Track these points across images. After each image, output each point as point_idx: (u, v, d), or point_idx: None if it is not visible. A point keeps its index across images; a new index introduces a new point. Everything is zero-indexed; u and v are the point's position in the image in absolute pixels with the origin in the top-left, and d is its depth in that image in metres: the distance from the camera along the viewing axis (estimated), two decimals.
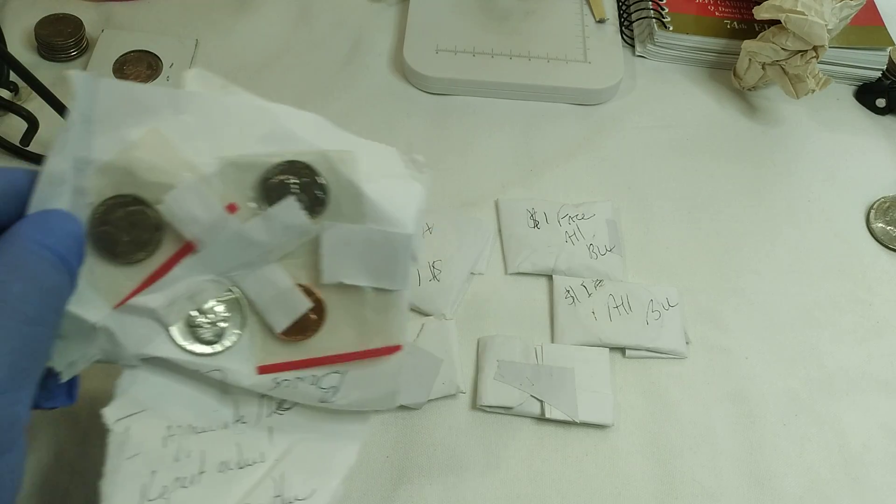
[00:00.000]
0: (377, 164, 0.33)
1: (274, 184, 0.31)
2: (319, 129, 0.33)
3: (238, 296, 0.33)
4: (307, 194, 0.32)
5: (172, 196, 0.30)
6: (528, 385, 0.45)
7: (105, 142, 0.30)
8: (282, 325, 0.33)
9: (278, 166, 0.31)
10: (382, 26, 0.63)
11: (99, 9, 0.61)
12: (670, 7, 0.63)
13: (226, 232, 0.31)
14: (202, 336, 0.32)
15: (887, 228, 0.55)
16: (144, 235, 0.31)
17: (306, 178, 0.32)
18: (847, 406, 0.47)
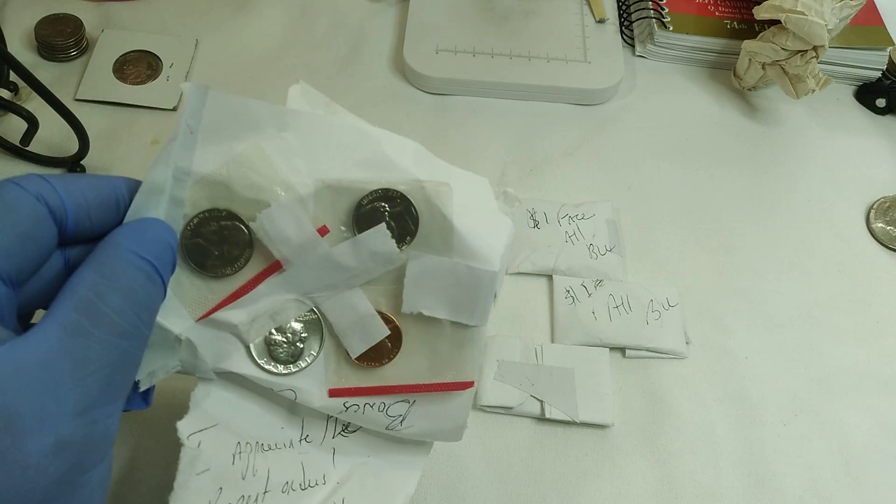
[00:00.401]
0: (470, 196, 0.33)
1: (367, 210, 0.32)
2: (417, 157, 0.33)
3: (318, 317, 0.33)
4: (398, 223, 0.32)
5: (266, 214, 0.30)
6: (528, 385, 0.45)
7: (206, 154, 0.31)
8: (358, 350, 0.33)
9: (373, 193, 0.32)
10: (382, 26, 0.63)
11: (99, 9, 0.61)
12: (670, 7, 0.63)
13: (314, 254, 0.31)
14: (278, 355, 0.32)
15: (887, 228, 0.55)
16: (234, 251, 0.31)
17: (399, 207, 0.32)
18: (847, 406, 0.47)
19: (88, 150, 0.51)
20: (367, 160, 0.32)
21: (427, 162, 0.33)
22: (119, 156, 0.53)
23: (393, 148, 0.32)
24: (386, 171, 0.32)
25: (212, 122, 0.31)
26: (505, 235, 0.33)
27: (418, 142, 0.59)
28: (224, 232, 0.31)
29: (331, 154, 0.32)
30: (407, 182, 0.32)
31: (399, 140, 0.33)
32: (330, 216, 0.31)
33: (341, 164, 0.32)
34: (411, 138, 0.60)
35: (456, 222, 0.32)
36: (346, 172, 0.32)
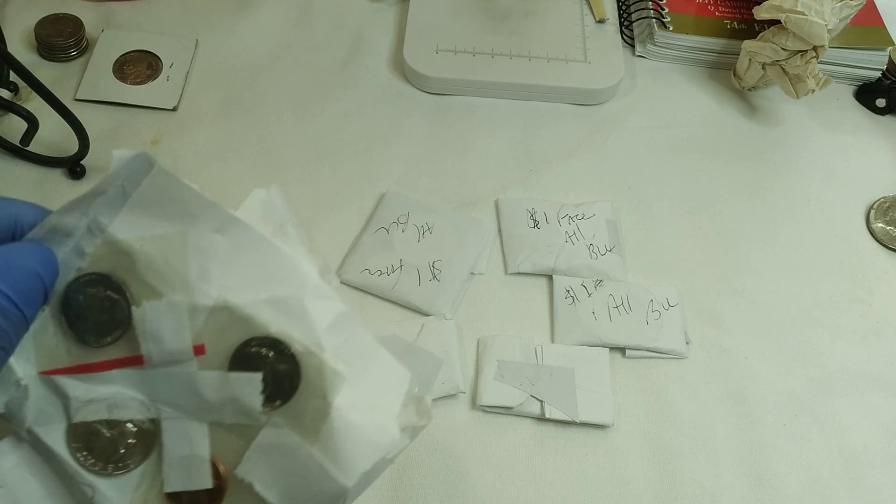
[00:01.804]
0: (373, 393, 0.29)
1: (252, 352, 0.29)
2: (338, 323, 0.29)
3: (154, 431, 0.30)
4: (276, 380, 0.28)
5: (151, 306, 0.28)
6: (528, 385, 0.45)
7: (129, 220, 0.29)
8: (172, 486, 0.30)
9: (267, 338, 0.29)
10: (382, 26, 0.63)
11: (99, 9, 0.61)
12: (670, 7, 0.63)
13: (179, 368, 0.29)
14: (96, 447, 0.30)
15: (887, 228, 0.55)
16: (108, 326, 0.29)
17: (284, 365, 0.29)
18: (847, 406, 0.47)
19: (88, 150, 0.51)
20: (282, 302, 0.29)
21: (348, 332, 0.29)
22: None
23: (317, 303, 0.29)
24: (294, 322, 0.29)
25: (149, 195, 0.29)
26: (385, 450, 0.29)
27: (418, 142, 0.59)
28: (106, 302, 0.29)
29: (249, 277, 0.29)
30: (307, 345, 0.28)
31: (329, 299, 0.29)
32: (215, 339, 0.29)
33: (253, 293, 0.29)
34: (411, 138, 0.60)
35: (335, 414, 0.28)
36: (253, 303, 0.29)
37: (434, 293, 0.48)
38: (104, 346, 0.29)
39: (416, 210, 0.52)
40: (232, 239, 0.29)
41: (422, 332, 0.46)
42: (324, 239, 0.51)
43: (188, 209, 0.29)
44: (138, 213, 0.29)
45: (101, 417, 0.30)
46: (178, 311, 0.28)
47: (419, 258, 0.49)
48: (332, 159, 0.55)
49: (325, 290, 0.29)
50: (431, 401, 0.32)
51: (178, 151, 0.54)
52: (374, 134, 0.57)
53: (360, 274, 0.49)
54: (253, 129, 0.56)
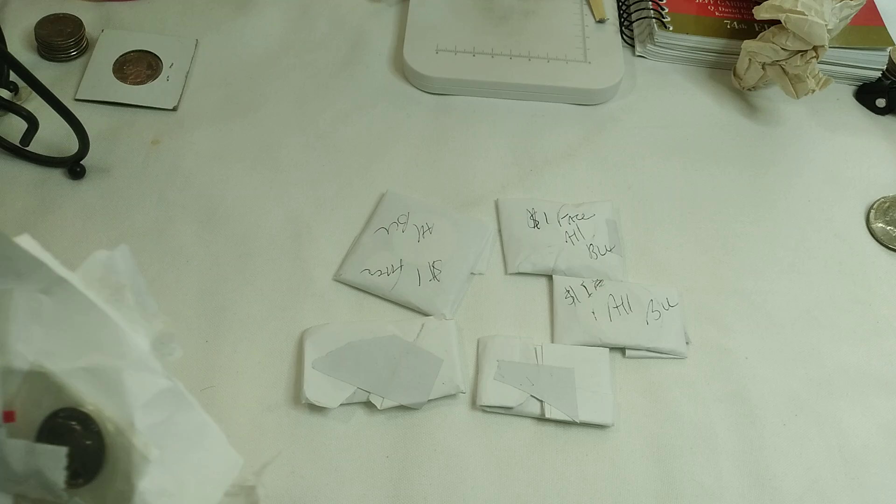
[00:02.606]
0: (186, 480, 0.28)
1: (61, 423, 0.27)
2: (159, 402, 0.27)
3: None
4: (83, 456, 0.27)
5: None
6: (528, 385, 0.45)
7: None
8: None
9: (77, 411, 0.27)
10: (382, 26, 0.63)
11: (99, 9, 0.61)
12: (670, 7, 0.63)
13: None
14: None
15: (887, 228, 0.55)
16: None
17: (92, 441, 0.27)
18: (847, 406, 0.47)
19: (88, 150, 0.51)
20: (99, 371, 0.27)
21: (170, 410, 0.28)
22: (119, 156, 0.53)
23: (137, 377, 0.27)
24: (108, 396, 0.27)
25: None
26: None
27: (418, 142, 0.59)
28: None
29: (71, 343, 0.27)
30: (117, 422, 0.27)
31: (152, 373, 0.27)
32: (27, 405, 0.27)
33: (72, 360, 0.27)
34: (411, 138, 0.60)
35: (138, 499, 0.26)
36: (70, 371, 0.27)
37: (434, 293, 0.48)
38: None
39: (416, 210, 0.52)
40: (59, 300, 0.27)
41: (422, 332, 0.46)
42: (324, 239, 0.51)
43: (15, 266, 0.27)
44: None
45: None
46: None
47: (419, 258, 0.49)
48: (332, 159, 0.55)
49: (150, 362, 0.27)
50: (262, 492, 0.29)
51: (177, 151, 0.54)
52: (374, 134, 0.57)
53: (360, 274, 0.49)
54: (253, 129, 0.56)
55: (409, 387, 0.44)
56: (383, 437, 0.44)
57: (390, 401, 0.44)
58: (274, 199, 0.53)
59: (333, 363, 0.45)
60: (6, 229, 0.49)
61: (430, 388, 0.44)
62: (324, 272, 0.50)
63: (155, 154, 0.54)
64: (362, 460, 0.43)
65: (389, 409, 0.44)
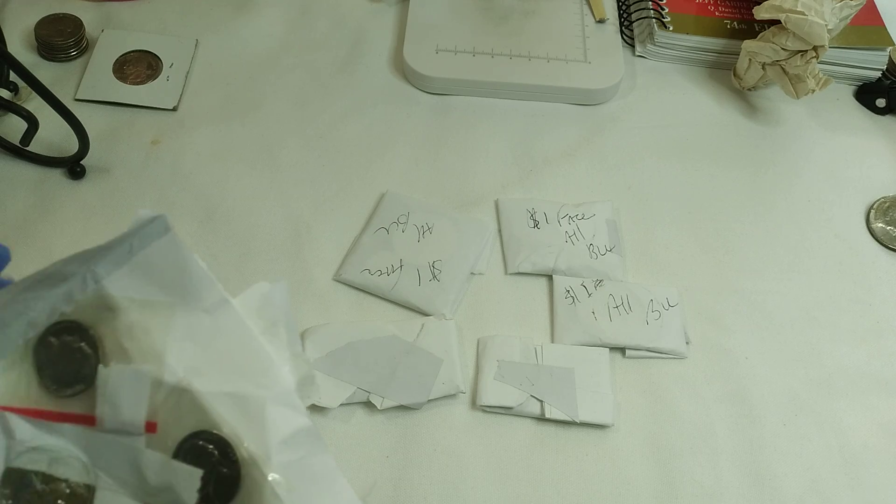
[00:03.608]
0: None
1: (199, 446, 0.28)
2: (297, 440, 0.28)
3: (87, 498, 0.28)
4: (219, 484, 0.27)
5: (117, 370, 0.27)
6: (528, 385, 0.45)
7: (126, 279, 0.28)
8: None
9: (216, 436, 0.27)
10: (382, 26, 0.63)
11: (99, 9, 0.61)
12: (670, 7, 0.63)
13: (128, 441, 0.28)
14: (22, 499, 0.28)
15: (887, 228, 0.55)
16: (72, 377, 0.28)
17: (229, 471, 0.27)
18: (847, 406, 0.47)
19: (88, 150, 0.51)
20: (243, 399, 0.28)
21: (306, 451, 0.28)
22: (119, 156, 0.53)
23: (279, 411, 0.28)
24: (249, 425, 0.27)
25: (153, 258, 0.28)
26: None
27: (418, 142, 0.59)
28: (77, 354, 0.28)
29: (221, 365, 0.28)
30: (254, 453, 0.27)
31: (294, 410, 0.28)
32: (169, 420, 0.28)
33: (219, 383, 0.28)
34: (411, 138, 0.60)
35: None
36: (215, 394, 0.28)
37: (434, 293, 0.48)
38: (65, 397, 0.28)
39: (416, 210, 0.52)
40: (218, 322, 0.28)
41: (422, 332, 0.46)
42: (324, 239, 0.51)
43: (187, 281, 0.28)
44: (137, 274, 0.28)
45: (39, 469, 0.28)
46: (142, 382, 0.27)
47: (419, 258, 0.49)
48: (332, 159, 0.55)
49: (293, 399, 0.28)
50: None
51: (177, 151, 0.54)
52: (374, 134, 0.57)
53: (360, 274, 0.49)
54: (253, 129, 0.56)
55: (409, 387, 0.44)
56: (383, 437, 0.44)
57: (390, 401, 0.44)
58: (274, 199, 0.53)
59: (333, 363, 0.45)
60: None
61: (430, 388, 0.44)
62: (324, 272, 0.50)
63: (155, 154, 0.54)
64: (362, 460, 0.43)
65: (389, 409, 0.44)
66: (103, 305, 0.28)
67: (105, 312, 0.28)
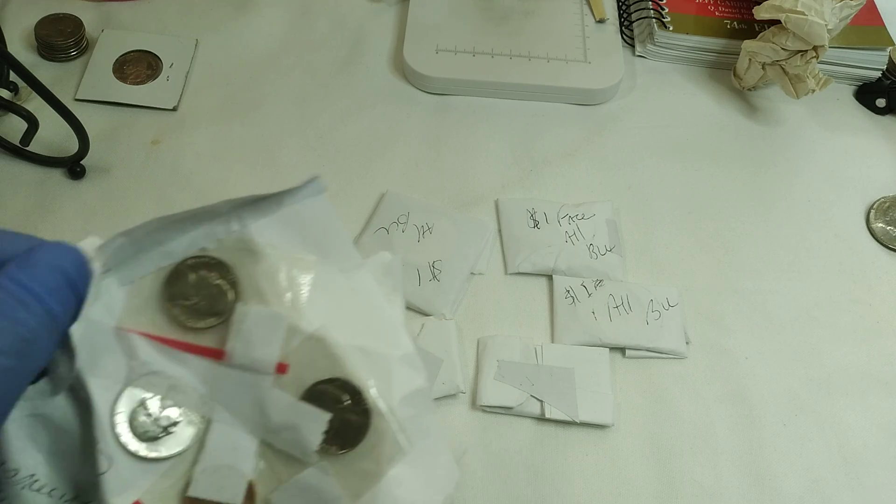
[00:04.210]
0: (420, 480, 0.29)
1: (329, 391, 0.28)
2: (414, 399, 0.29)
3: (201, 430, 0.28)
4: (342, 428, 0.28)
5: (255, 310, 0.28)
6: (528, 385, 0.45)
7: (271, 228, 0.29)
8: (199, 492, 0.28)
9: (349, 384, 0.28)
10: (382, 26, 0.63)
11: (99, 9, 0.61)
12: (670, 7, 0.63)
13: (255, 379, 0.28)
14: (136, 423, 0.28)
15: (887, 228, 0.55)
16: (205, 311, 0.28)
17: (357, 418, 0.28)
18: (847, 406, 0.47)
19: (88, 150, 0.51)
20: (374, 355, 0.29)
21: (419, 410, 0.29)
22: (119, 156, 0.53)
23: (403, 370, 0.29)
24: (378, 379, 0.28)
25: (302, 214, 0.29)
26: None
27: (418, 142, 0.59)
28: (214, 290, 0.29)
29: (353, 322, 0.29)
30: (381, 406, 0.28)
31: (415, 370, 0.29)
32: (300, 365, 0.28)
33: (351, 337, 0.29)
34: (411, 138, 0.60)
35: (384, 483, 0.28)
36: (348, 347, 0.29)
37: (434, 293, 0.48)
38: (194, 330, 0.29)
39: (416, 210, 0.52)
40: (352, 283, 0.30)
41: (422, 332, 0.46)
42: None
43: (329, 242, 0.30)
44: (283, 226, 0.29)
45: (157, 394, 0.28)
46: (279, 324, 0.28)
47: (419, 258, 0.49)
48: (332, 159, 0.55)
49: (415, 360, 0.30)
50: None
51: (177, 151, 0.54)
52: (374, 134, 0.57)
53: None
54: (253, 129, 0.56)
55: None
56: None
57: None
58: None
59: None
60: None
61: (430, 388, 0.44)
62: None
63: (155, 154, 0.54)
64: None
65: None
66: (246, 248, 0.29)
67: (247, 255, 0.29)
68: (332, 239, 0.30)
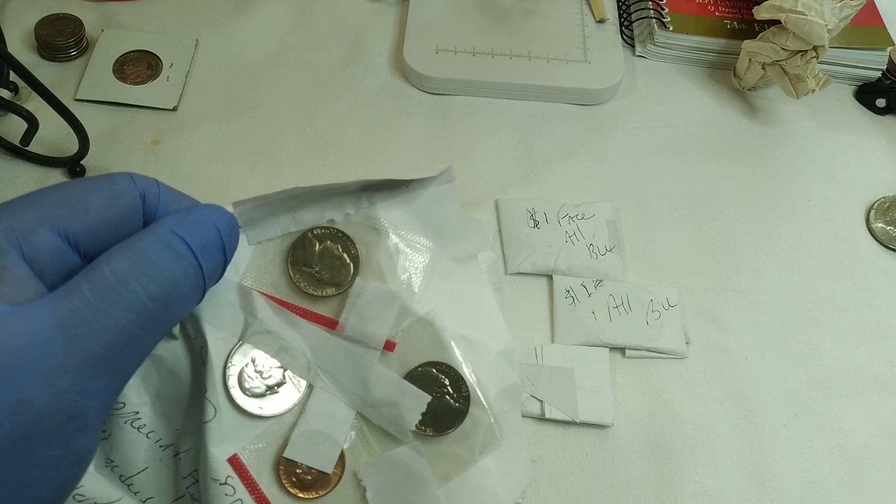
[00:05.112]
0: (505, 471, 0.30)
1: (432, 374, 0.29)
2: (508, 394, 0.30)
3: (303, 394, 0.29)
4: (441, 411, 0.29)
5: (373, 287, 0.29)
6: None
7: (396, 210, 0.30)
8: (294, 454, 0.29)
9: (453, 370, 0.29)
10: (382, 26, 0.63)
11: (99, 9, 0.61)
12: (670, 7, 0.63)
13: (363, 352, 0.29)
14: (245, 378, 0.29)
15: (887, 228, 0.55)
16: (325, 281, 0.29)
17: (455, 402, 0.29)
18: (847, 406, 0.47)
19: (88, 150, 0.51)
20: (478, 345, 0.30)
21: (511, 406, 0.31)
22: (119, 156, 0.53)
23: (502, 364, 0.30)
24: (480, 369, 0.29)
25: (427, 199, 0.30)
26: None
27: (418, 142, 0.59)
28: (336, 261, 0.30)
29: (461, 311, 0.30)
30: (480, 396, 0.29)
31: (511, 366, 0.31)
32: (407, 345, 0.29)
33: (459, 325, 0.30)
34: (411, 138, 0.60)
35: (474, 471, 0.29)
36: (455, 334, 0.29)
37: None
38: (311, 297, 0.30)
39: None
40: (464, 273, 0.31)
41: None
42: None
43: (449, 229, 0.31)
44: (407, 209, 0.30)
45: (269, 351, 0.29)
46: (393, 303, 0.29)
47: None
48: (332, 159, 0.55)
49: (513, 356, 0.31)
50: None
51: (177, 151, 0.54)
52: (374, 134, 0.57)
53: None
54: (253, 129, 0.56)
55: None
56: None
57: None
58: None
59: None
60: None
61: None
62: None
63: (155, 154, 0.54)
64: None
65: None
66: (371, 226, 0.30)
67: (371, 232, 0.30)
68: (452, 228, 0.31)
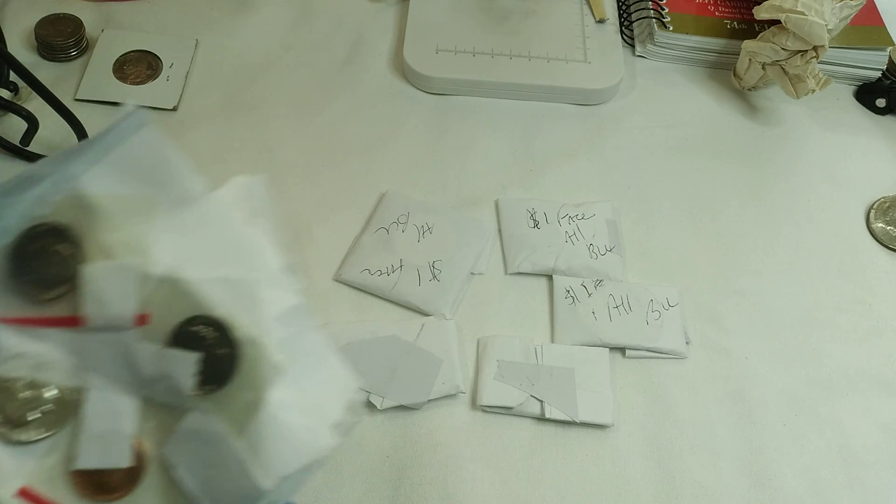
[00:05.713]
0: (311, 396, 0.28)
1: (193, 331, 0.27)
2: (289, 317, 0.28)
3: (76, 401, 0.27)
4: (214, 365, 0.27)
5: (101, 267, 0.27)
6: (528, 385, 0.45)
7: (104, 175, 0.27)
8: (85, 463, 0.27)
9: (212, 319, 0.27)
10: (382, 26, 0.63)
11: (99, 9, 0.61)
12: (670, 7, 0.63)
13: (118, 336, 0.27)
14: (5, 408, 0.27)
15: (887, 228, 0.55)
16: (53, 280, 0.27)
17: (224, 350, 0.27)
18: (847, 406, 0.47)
19: None
20: (234, 283, 0.28)
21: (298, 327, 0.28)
22: None
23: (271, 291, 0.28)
24: (243, 307, 0.27)
25: (133, 153, 0.28)
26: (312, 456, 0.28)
27: (418, 142, 0.59)
28: (57, 256, 0.27)
29: (208, 254, 0.28)
30: (250, 333, 0.27)
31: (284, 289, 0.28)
32: (161, 311, 0.27)
33: (208, 270, 0.27)
34: (411, 138, 0.60)
35: (266, 410, 0.27)
36: (206, 280, 0.27)
37: (434, 293, 0.48)
38: (46, 302, 0.28)
39: (416, 210, 0.52)
40: (200, 213, 0.28)
41: (422, 332, 0.46)
42: (324, 239, 0.51)
43: (167, 173, 0.28)
44: (115, 169, 0.28)
45: (24, 373, 0.27)
46: (128, 275, 0.27)
47: (419, 258, 0.49)
48: (332, 159, 0.55)
49: (283, 279, 0.28)
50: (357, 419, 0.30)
51: None
52: (374, 134, 0.57)
53: (360, 274, 0.49)
54: (253, 129, 0.56)
55: (409, 387, 0.44)
56: (383, 437, 0.44)
57: (390, 401, 0.44)
58: (273, 199, 0.53)
59: None
60: None
61: (430, 388, 0.44)
62: (324, 272, 0.49)
63: None
64: (362, 460, 0.43)
65: (389, 409, 0.44)
66: (81, 204, 0.28)
67: (84, 211, 0.28)
68: (169, 171, 0.28)
